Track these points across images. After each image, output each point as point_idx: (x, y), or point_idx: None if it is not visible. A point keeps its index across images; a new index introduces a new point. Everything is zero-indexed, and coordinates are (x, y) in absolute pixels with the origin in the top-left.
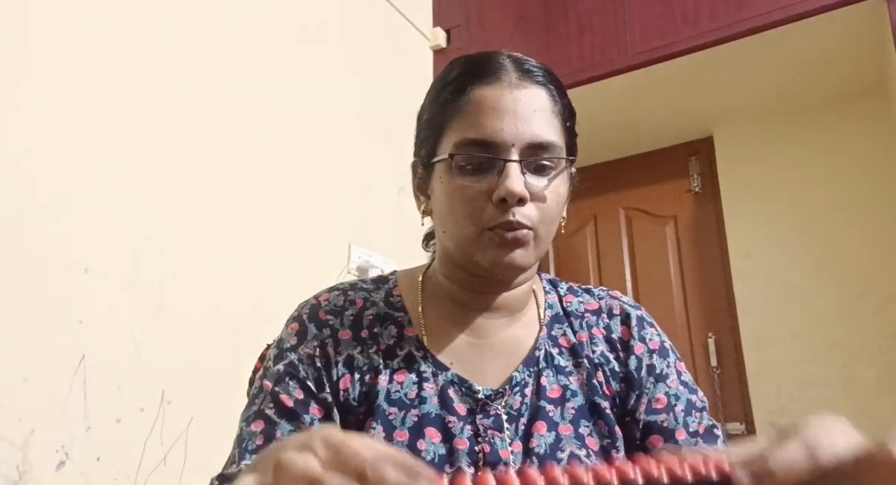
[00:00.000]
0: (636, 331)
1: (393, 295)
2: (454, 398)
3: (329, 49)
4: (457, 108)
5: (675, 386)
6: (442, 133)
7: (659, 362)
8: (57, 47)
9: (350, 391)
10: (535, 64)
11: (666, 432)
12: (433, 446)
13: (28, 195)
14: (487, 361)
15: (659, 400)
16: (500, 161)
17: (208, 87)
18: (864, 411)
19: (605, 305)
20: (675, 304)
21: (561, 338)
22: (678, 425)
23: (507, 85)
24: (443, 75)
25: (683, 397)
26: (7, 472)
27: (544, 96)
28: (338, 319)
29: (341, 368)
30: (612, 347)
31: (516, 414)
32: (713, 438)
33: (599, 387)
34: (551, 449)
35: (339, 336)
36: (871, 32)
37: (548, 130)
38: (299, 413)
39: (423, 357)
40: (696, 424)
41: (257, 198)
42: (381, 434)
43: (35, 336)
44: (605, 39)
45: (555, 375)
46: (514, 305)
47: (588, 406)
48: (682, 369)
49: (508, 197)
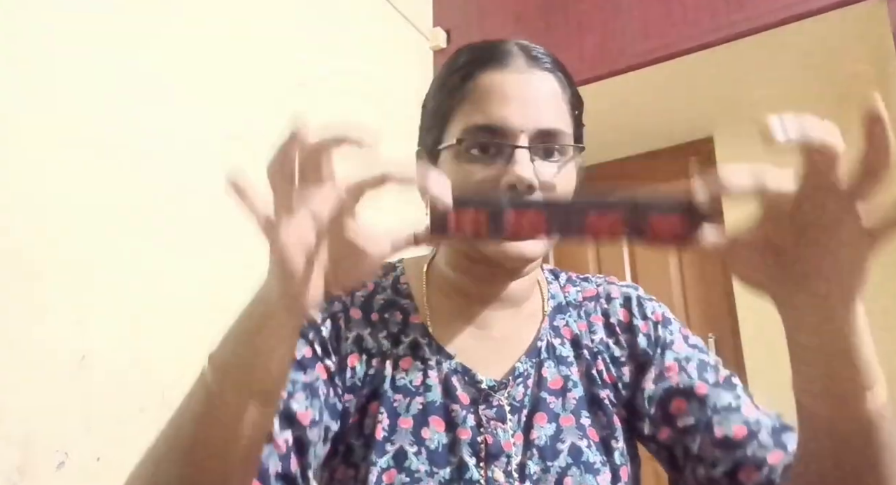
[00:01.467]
0: (637, 310)
1: (400, 282)
2: (458, 387)
3: (329, 49)
4: (464, 94)
5: (683, 349)
6: (449, 120)
7: (663, 332)
8: (57, 47)
9: (357, 370)
10: (543, 51)
11: (685, 391)
12: (437, 435)
13: (28, 195)
14: (491, 352)
15: (669, 367)
16: (508, 147)
17: (207, 87)
18: None
19: (602, 291)
20: (675, 304)
21: (563, 328)
22: (694, 380)
23: (516, 70)
24: (449, 62)
25: (695, 357)
26: (7, 472)
27: (553, 83)
28: (349, 298)
29: (350, 345)
30: (612, 332)
31: (518, 405)
32: (731, 386)
33: (599, 376)
34: (552, 441)
35: (349, 313)
36: (871, 32)
37: (557, 117)
38: (307, 366)
39: (427, 345)
40: (712, 376)
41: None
42: (386, 420)
43: (35, 336)
44: (605, 39)
45: (556, 366)
46: (519, 297)
47: (588, 397)
48: (686, 333)
49: (518, 184)
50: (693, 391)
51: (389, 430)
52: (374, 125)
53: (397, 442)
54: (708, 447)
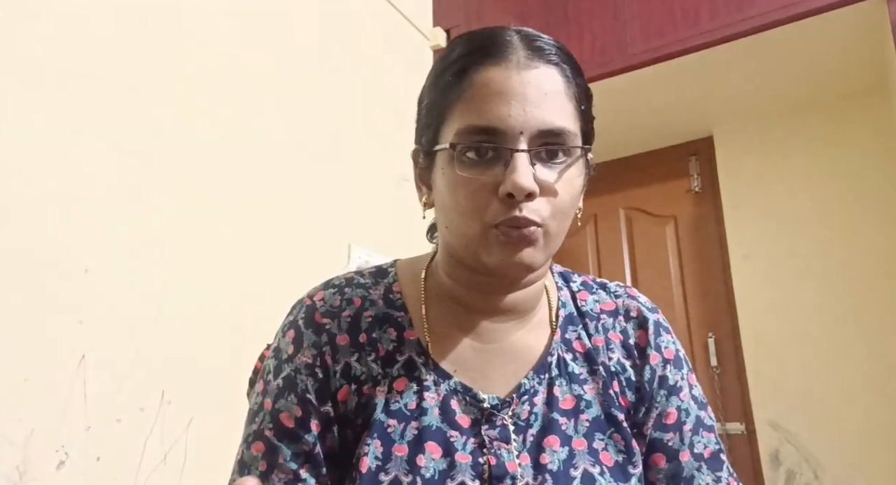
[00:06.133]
0: (653, 338)
1: (392, 292)
2: (457, 410)
3: (329, 49)
4: (459, 91)
5: (687, 400)
6: (444, 119)
7: (672, 374)
8: (56, 47)
9: (348, 403)
10: (548, 40)
11: (670, 451)
12: (433, 462)
13: (28, 195)
14: (494, 369)
15: (669, 415)
16: (506, 151)
17: (208, 87)
18: (865, 410)
19: (622, 305)
20: (675, 304)
21: (575, 342)
22: (683, 446)
23: (515, 65)
24: (444, 55)
25: (693, 414)
26: (7, 472)
27: (557, 77)
28: (335, 322)
29: (339, 379)
30: (629, 354)
31: (524, 424)
32: (718, 463)
33: (615, 397)
34: (564, 466)
35: (336, 342)
36: (871, 32)
37: (560, 115)
38: (300, 434)
39: (424, 364)
40: (701, 446)
41: (257, 198)
42: (378, 449)
43: (35, 336)
44: (605, 39)
45: (568, 384)
46: (524, 307)
47: (604, 418)
48: (693, 382)
49: (515, 192)
50: (677, 455)
51: (384, 458)
52: (375, 126)
53: (392, 471)
54: None
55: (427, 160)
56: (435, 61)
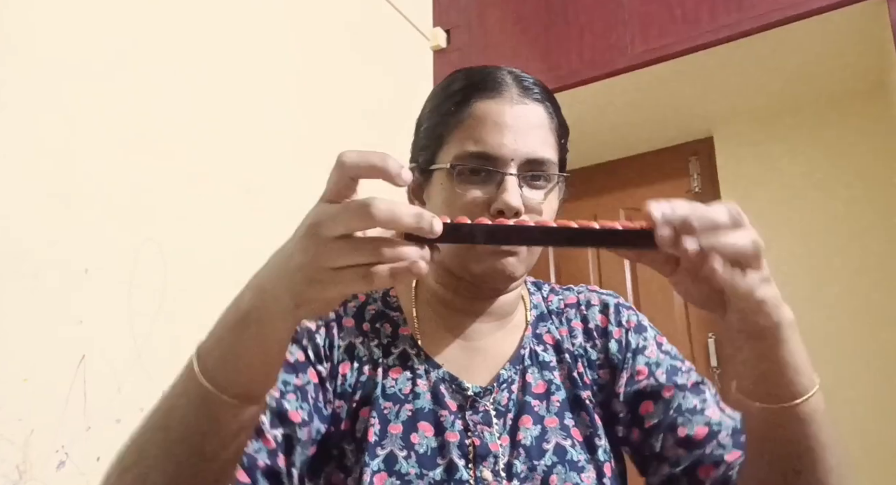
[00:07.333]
0: (613, 317)
1: (389, 294)
2: (446, 394)
3: (329, 49)
4: (459, 119)
5: (655, 355)
6: (443, 142)
7: (635, 338)
8: (56, 47)
9: (348, 378)
10: (534, 81)
11: (653, 394)
12: (426, 440)
13: (28, 195)
14: (477, 362)
15: (640, 371)
16: (499, 174)
17: (208, 87)
18: (865, 410)
19: (582, 298)
20: (675, 304)
21: (545, 335)
22: (662, 383)
23: (509, 100)
24: (444, 86)
25: (665, 363)
26: (7, 472)
27: (542, 113)
28: (341, 308)
29: (342, 353)
30: (589, 337)
31: (504, 410)
32: (699, 391)
33: (580, 378)
34: (537, 441)
35: (343, 322)
36: (871, 32)
37: (545, 146)
38: (299, 370)
39: (416, 355)
40: (683, 380)
41: (257, 198)
42: (377, 425)
43: (35, 336)
44: (605, 39)
45: (539, 371)
46: (504, 311)
47: (571, 399)
48: (661, 341)
49: (506, 210)
50: (660, 393)
51: (380, 435)
52: (375, 125)
53: (388, 447)
54: (671, 447)
55: (422, 177)
56: (434, 90)
